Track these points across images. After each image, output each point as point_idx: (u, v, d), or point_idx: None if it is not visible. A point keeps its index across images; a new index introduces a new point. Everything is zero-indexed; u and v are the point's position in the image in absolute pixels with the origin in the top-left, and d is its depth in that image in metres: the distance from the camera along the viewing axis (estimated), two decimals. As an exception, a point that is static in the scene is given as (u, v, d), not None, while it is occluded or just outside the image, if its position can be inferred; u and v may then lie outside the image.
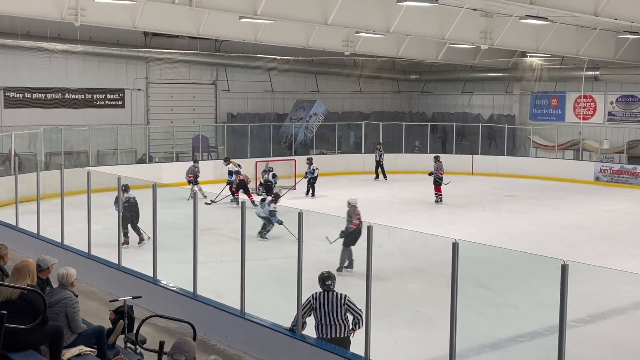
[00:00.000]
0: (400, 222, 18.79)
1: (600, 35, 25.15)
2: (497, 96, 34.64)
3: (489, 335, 10.34)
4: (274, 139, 30.12)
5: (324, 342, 7.99)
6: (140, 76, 29.32)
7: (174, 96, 30.01)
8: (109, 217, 14.76)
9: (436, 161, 23.01)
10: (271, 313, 9.40)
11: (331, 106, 33.15)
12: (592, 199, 23.97)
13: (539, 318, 10.67)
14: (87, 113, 27.77)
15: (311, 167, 23.80)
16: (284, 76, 32.97)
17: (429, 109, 37.07)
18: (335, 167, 28.86)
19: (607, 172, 27.92)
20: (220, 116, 31.60)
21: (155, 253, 11.00)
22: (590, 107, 31.17)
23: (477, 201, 23.16)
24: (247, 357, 8.95)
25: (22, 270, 7.02)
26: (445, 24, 21.71)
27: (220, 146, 30.55)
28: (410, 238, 15.72)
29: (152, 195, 10.92)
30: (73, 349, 7.00)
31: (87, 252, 12.46)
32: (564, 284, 6.21)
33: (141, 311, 8.86)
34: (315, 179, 23.81)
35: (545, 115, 32.94)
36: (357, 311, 7.90)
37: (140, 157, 27.47)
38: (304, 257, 8.52)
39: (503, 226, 19.03)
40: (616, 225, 19.68)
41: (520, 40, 24.01)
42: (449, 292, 6.94)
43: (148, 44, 28.76)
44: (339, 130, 31.95)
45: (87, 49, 26.87)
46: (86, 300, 10.82)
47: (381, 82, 36.53)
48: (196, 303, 10.01)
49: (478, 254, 10.82)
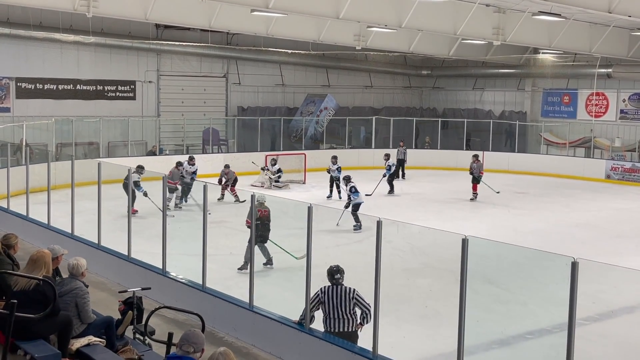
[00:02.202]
0: (410, 217, 18.79)
1: (614, 33, 24.96)
2: (508, 93, 34.51)
3: (498, 332, 10.32)
4: (284, 133, 30.12)
5: (332, 336, 8.00)
6: (152, 68, 29.37)
7: (185, 89, 30.06)
8: (119, 207, 14.84)
9: (475, 160, 22.63)
10: (279, 306, 9.41)
11: (342, 101, 33.11)
12: (603, 197, 23.86)
13: (547, 315, 10.64)
14: (98, 104, 27.86)
15: (335, 165, 22.08)
16: (295, 70, 32.95)
17: (440, 105, 36.97)
18: (345, 162, 28.63)
19: (618, 170, 27.77)
20: (230, 109, 31.63)
21: (164, 245, 11.03)
22: (602, 104, 30.99)
23: (487, 198, 23.07)
24: (255, 350, 8.97)
25: (38, 261, 7.07)
26: (458, 20, 21.61)
27: (230, 139, 30.59)
28: (419, 234, 15.71)
29: (162, 187, 10.95)
30: (82, 339, 7.04)
31: (97, 243, 12.51)
32: (573, 282, 6.18)
33: (150, 302, 8.88)
34: (338, 179, 21.58)
35: (557, 112, 32.78)
36: (365, 306, 7.89)
37: (151, 149, 27.53)
38: (313, 252, 8.51)
39: (513, 223, 18.97)
40: (627, 223, 19.57)
41: (533, 37, 23.87)
42: (457, 288, 6.92)
43: (159, 36, 28.80)
44: (349, 125, 31.92)
45: (98, 41, 26.93)
46: (96, 290, 10.86)
47: (392, 77, 36.44)
48: (205, 295, 10.04)
49: (487, 250, 10.77)
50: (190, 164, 20.39)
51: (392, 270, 12.32)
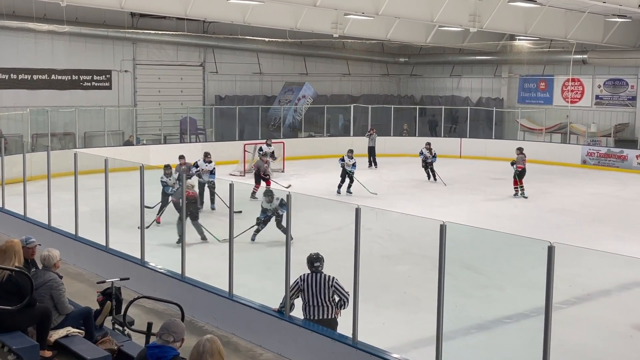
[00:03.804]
0: (388, 204, 18.87)
1: (589, 19, 25.16)
2: (485, 79, 34.68)
3: (476, 317, 10.43)
4: (263, 122, 30.03)
5: (312, 324, 8.03)
6: (128, 57, 29.10)
7: (162, 78, 29.83)
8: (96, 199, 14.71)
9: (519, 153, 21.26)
10: (259, 295, 9.43)
11: (320, 89, 33.07)
12: (579, 182, 24.12)
13: (525, 300, 10.76)
14: (73, 94, 27.56)
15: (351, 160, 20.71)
16: (272, 58, 32.82)
17: (417, 92, 37.05)
18: (323, 150, 28.82)
19: (594, 155, 28.08)
20: (208, 98, 31.46)
21: (142, 235, 10.98)
22: (578, 90, 31.26)
23: (464, 184, 23.24)
24: (234, 339, 8.98)
25: (7, 251, 7.00)
26: (435, 7, 21.65)
27: (208, 128, 30.44)
28: (398, 220, 15.79)
29: (139, 177, 10.89)
30: (60, 330, 7.00)
31: (74, 234, 12.42)
32: (550, 266, 6.25)
33: (129, 293, 8.85)
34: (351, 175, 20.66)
35: (534, 98, 33.02)
36: (344, 294, 7.93)
37: (128, 139, 27.32)
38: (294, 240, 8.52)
39: (490, 209, 19.13)
40: (602, 208, 19.82)
41: (509, 24, 24.00)
42: (436, 274, 6.97)
43: (135, 25, 28.51)
44: (327, 113, 31.87)
45: (73, 30, 26.61)
46: (74, 282, 10.80)
47: (370, 64, 36.45)
48: (184, 285, 10.01)
49: (465, 236, 10.87)
50: (207, 161, 18.00)
51: (371, 257, 12.39)
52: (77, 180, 12.33)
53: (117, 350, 6.84)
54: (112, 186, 11.75)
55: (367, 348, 7.61)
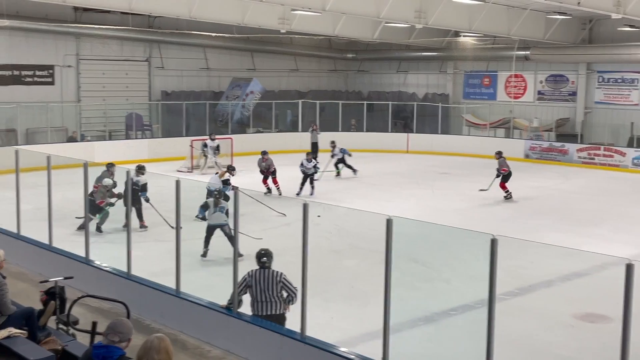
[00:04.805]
0: (336, 199, 18.97)
1: (531, 16, 25.71)
2: (431, 75, 35.12)
3: (423, 309, 10.58)
4: (210, 118, 29.80)
5: (260, 319, 8.04)
6: (71, 52, 28.49)
7: (106, 73, 29.28)
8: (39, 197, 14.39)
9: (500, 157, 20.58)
10: (207, 292, 9.38)
11: (268, 84, 32.97)
12: (522, 175, 24.56)
13: (470, 291, 10.95)
14: (14, 90, 26.81)
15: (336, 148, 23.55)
16: (219, 54, 32.57)
17: (365, 88, 37.28)
18: (271, 146, 28.66)
19: (536, 149, 28.75)
20: (154, 94, 31.04)
21: (87, 232, 10.81)
22: (520, 86, 31.93)
23: (411, 179, 23.51)
24: (182, 336, 8.92)
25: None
26: (381, 3, 21.81)
27: (155, 124, 30.06)
28: (345, 215, 15.89)
29: (83, 175, 10.71)
30: (2, 331, 6.86)
31: (16, 232, 12.15)
32: (493, 258, 6.38)
33: (73, 292, 8.69)
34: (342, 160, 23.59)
35: (478, 94, 33.59)
36: (292, 289, 7.95)
37: (71, 135, 26.77)
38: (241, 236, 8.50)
39: (436, 203, 19.40)
40: (544, 200, 20.31)
41: (454, 20, 24.35)
42: (383, 268, 7.06)
43: (78, 19, 27.92)
44: (275, 109, 31.82)
45: (13, 24, 25.92)
46: (16, 281, 10.56)
47: (318, 60, 36.51)
48: (130, 283, 9.90)
49: (412, 230, 11.00)
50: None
51: (319, 252, 12.44)
52: (18, 178, 12.08)
53: (62, 350, 6.73)
54: (55, 184, 11.54)
55: (315, 342, 7.65)
